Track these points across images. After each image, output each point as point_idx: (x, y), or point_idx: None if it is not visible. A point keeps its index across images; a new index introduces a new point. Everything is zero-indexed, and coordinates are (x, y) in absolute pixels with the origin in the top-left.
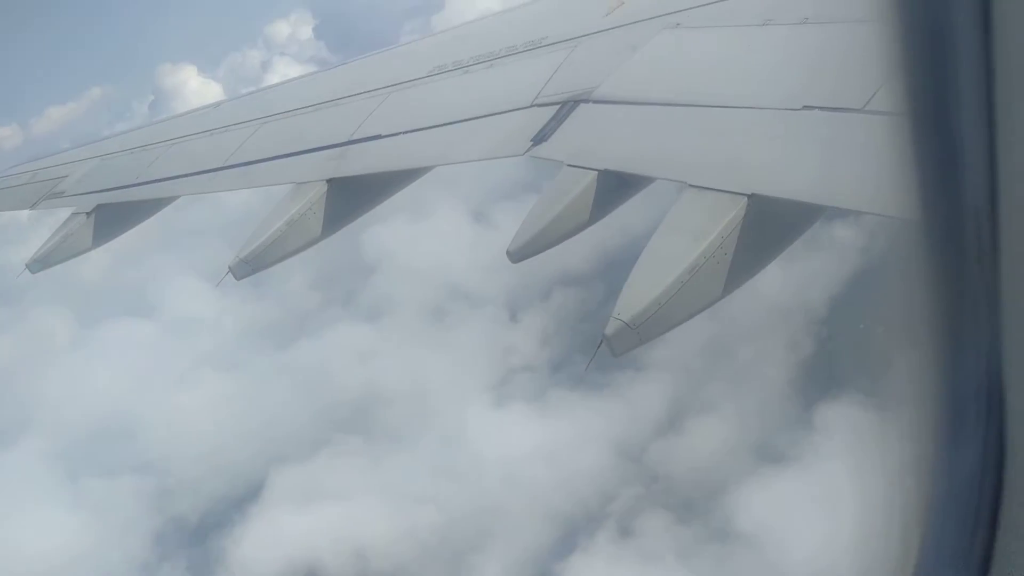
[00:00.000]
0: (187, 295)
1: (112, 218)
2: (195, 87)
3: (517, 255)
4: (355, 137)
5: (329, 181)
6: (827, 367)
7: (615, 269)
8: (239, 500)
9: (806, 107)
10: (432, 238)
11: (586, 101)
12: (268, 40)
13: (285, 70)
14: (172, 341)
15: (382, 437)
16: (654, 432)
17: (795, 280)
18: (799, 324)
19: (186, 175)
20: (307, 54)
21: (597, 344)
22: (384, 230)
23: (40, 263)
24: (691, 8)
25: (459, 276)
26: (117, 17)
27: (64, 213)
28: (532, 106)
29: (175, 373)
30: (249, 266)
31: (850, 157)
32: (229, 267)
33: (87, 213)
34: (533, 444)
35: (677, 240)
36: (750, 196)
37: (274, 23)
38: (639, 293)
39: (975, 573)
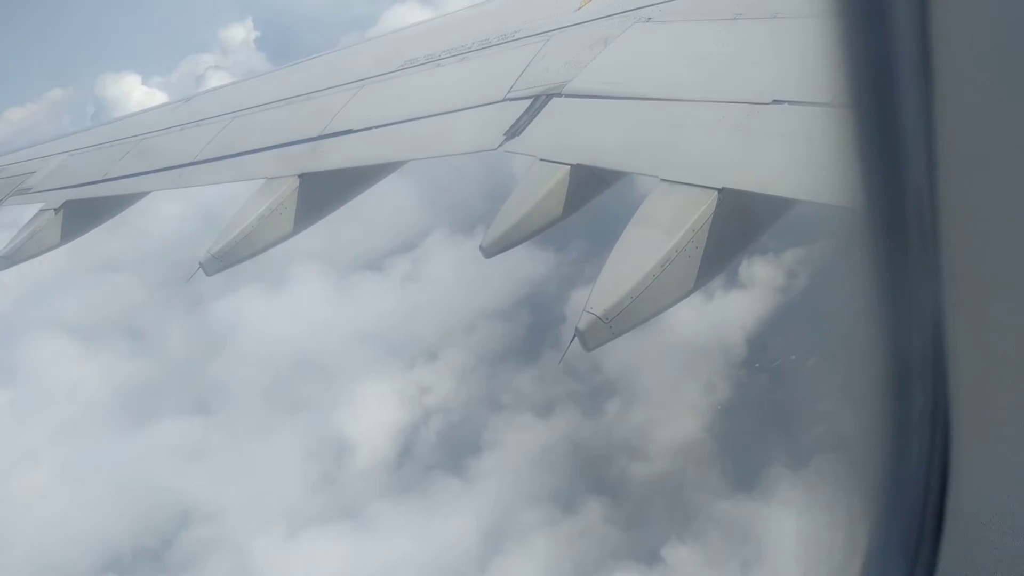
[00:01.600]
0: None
1: (81, 214)
2: (138, 97)
3: (490, 250)
4: (327, 132)
5: (301, 176)
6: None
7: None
8: None
9: (775, 101)
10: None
11: (559, 95)
12: (212, 48)
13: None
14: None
15: None
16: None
17: (711, 321)
18: (715, 369)
19: (156, 170)
20: (247, 66)
21: (570, 338)
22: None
23: (8, 260)
24: (662, 2)
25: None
26: (75, 19)
27: (31, 210)
28: (505, 100)
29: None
30: (220, 262)
31: (819, 151)
32: (200, 263)
33: (55, 209)
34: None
35: (649, 234)
36: (721, 190)
37: (217, 33)
38: (611, 287)
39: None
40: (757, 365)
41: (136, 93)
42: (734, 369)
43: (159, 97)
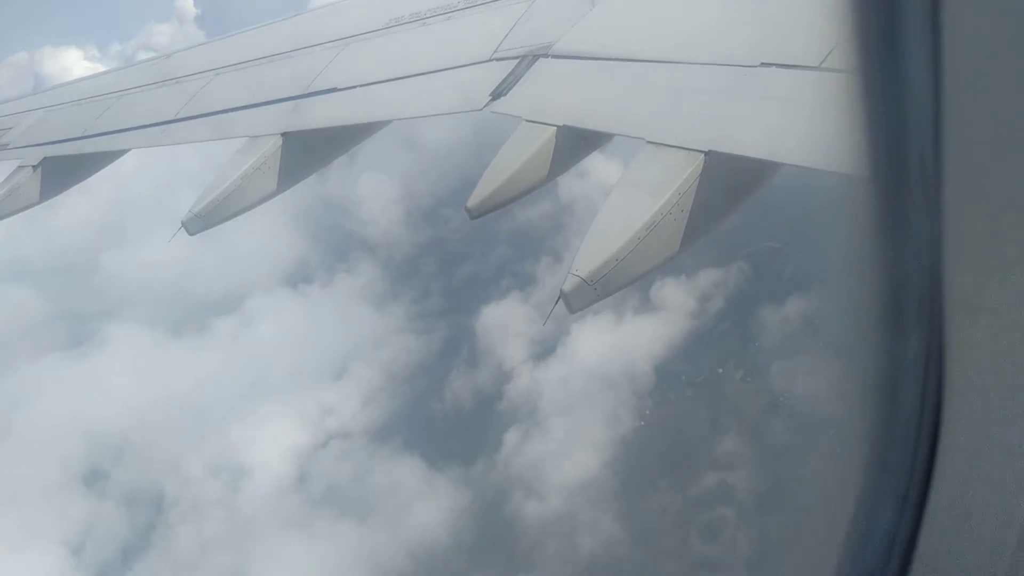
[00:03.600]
0: None
1: (60, 171)
2: (79, 72)
3: (476, 211)
4: (311, 90)
5: (284, 135)
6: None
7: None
8: None
9: (763, 64)
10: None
11: (546, 56)
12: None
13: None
14: None
15: None
16: None
17: (619, 347)
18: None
19: (136, 127)
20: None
21: (555, 300)
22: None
23: None
24: None
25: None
26: None
27: (8, 167)
28: (491, 60)
29: None
30: (202, 221)
31: (806, 114)
32: (182, 222)
33: (33, 166)
34: None
35: (635, 196)
36: (707, 153)
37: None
38: (597, 249)
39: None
40: (684, 378)
41: (77, 68)
42: (639, 399)
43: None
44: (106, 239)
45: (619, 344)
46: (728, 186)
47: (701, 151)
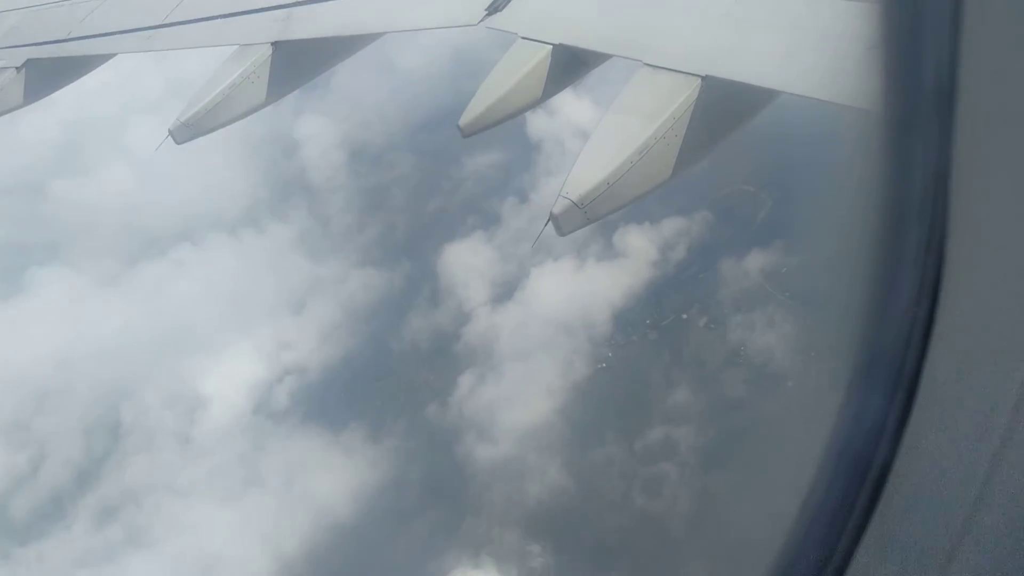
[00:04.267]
0: None
1: (44, 74)
2: None
3: (469, 129)
4: None
5: (274, 44)
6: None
7: None
8: None
9: None
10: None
11: None
12: None
13: None
14: None
15: None
16: None
17: (578, 294)
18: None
19: (124, 31)
20: None
21: (544, 222)
22: None
23: None
24: None
25: None
26: None
27: None
28: None
29: None
30: (190, 130)
31: (811, 42)
32: (169, 130)
33: (16, 68)
34: None
35: (629, 120)
36: (704, 77)
37: None
38: (588, 172)
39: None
40: (648, 321)
41: None
42: (595, 346)
43: None
44: (62, 164)
45: (579, 291)
46: (724, 113)
47: (698, 75)
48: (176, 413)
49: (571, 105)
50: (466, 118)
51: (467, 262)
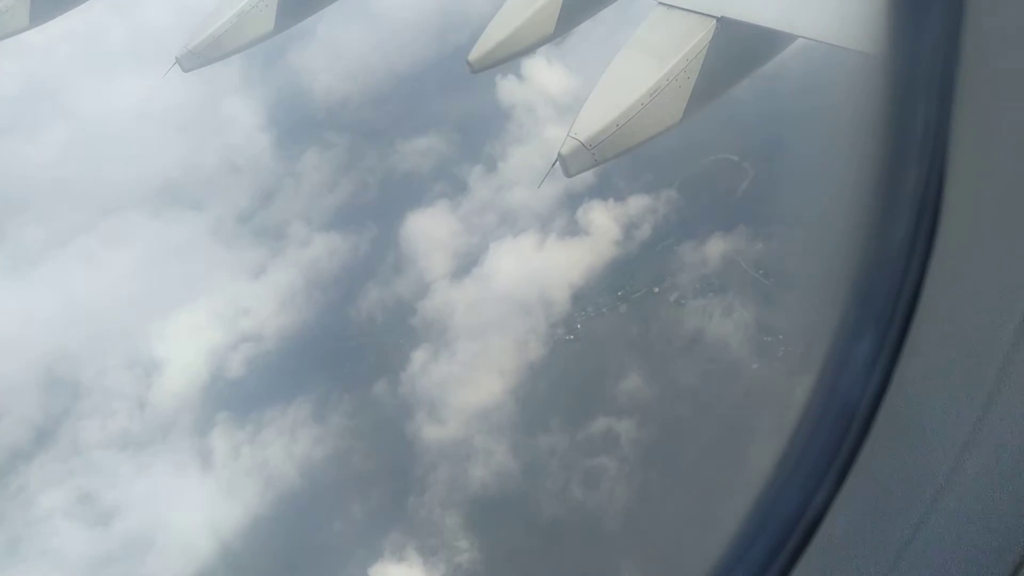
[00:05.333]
0: None
1: None
2: None
3: (477, 65)
4: None
5: None
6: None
7: None
8: None
9: None
10: None
11: None
12: None
13: None
14: None
15: None
16: None
17: (538, 272)
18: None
19: None
20: None
21: (552, 162)
22: None
23: None
24: None
25: None
26: None
27: None
28: None
29: None
30: (198, 58)
31: None
32: (176, 58)
33: None
34: None
35: (641, 60)
36: (719, 19)
37: None
38: (597, 113)
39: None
40: (620, 293)
41: None
42: (552, 327)
43: None
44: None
45: (541, 267)
46: (737, 55)
47: (713, 16)
48: (133, 377)
49: (543, 72)
50: (476, 53)
51: (430, 232)
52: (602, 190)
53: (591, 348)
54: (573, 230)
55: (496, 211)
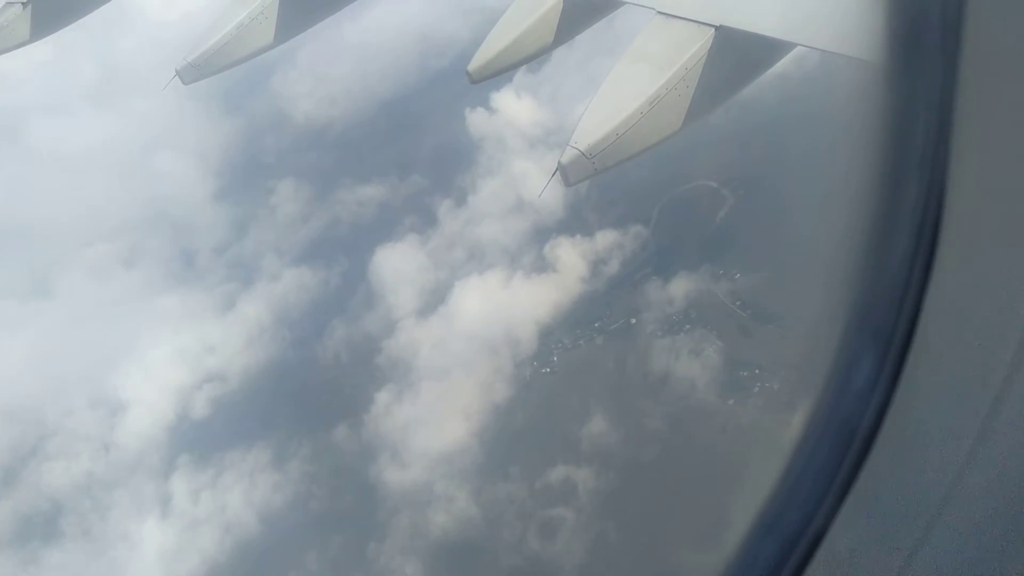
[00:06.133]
0: None
1: (52, 9)
2: None
3: (477, 75)
4: None
5: None
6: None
7: None
8: None
9: None
10: None
11: None
12: None
13: None
14: None
15: None
16: None
17: (504, 310)
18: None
19: None
20: None
21: (552, 172)
22: None
23: None
24: None
25: None
26: None
27: None
28: None
29: None
30: (197, 70)
31: None
32: (176, 71)
33: (23, 3)
34: None
35: (640, 69)
36: (718, 27)
37: None
38: (597, 122)
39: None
40: (596, 324)
41: None
42: (518, 367)
43: None
44: None
45: (508, 305)
46: (736, 65)
47: (712, 25)
48: (98, 417)
49: (512, 104)
50: (476, 63)
51: (398, 268)
52: (571, 225)
53: (566, 381)
54: (541, 266)
55: (464, 246)
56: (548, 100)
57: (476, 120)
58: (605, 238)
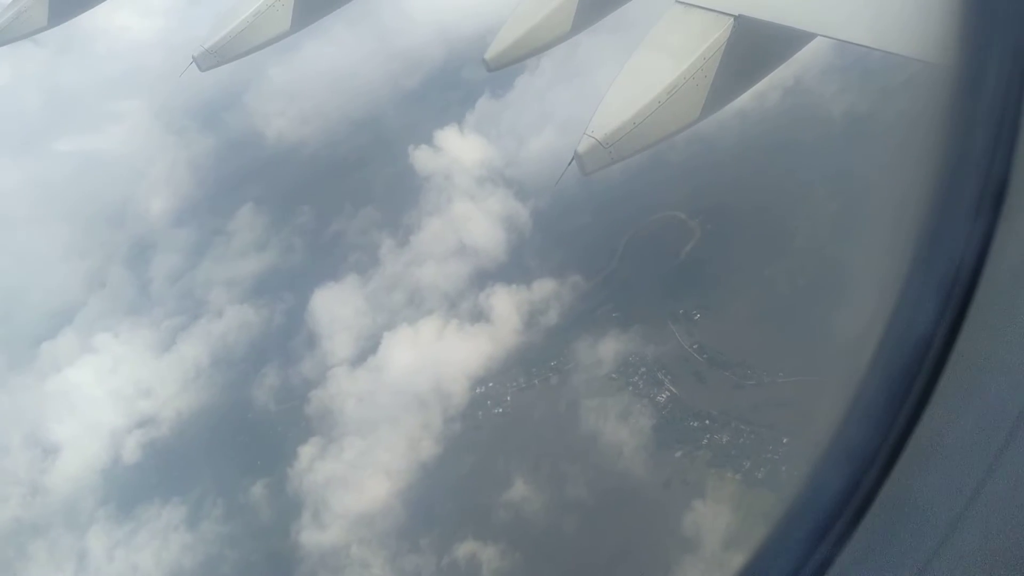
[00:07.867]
0: None
1: None
2: None
3: (493, 63)
4: None
5: None
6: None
7: None
8: None
9: None
10: None
11: None
12: None
13: None
14: None
15: None
16: None
17: (436, 362)
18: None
19: None
20: None
21: (568, 161)
22: None
23: None
24: None
25: None
26: None
27: None
28: None
29: None
30: (215, 57)
31: None
32: (193, 57)
33: None
34: None
35: (658, 58)
36: (737, 17)
37: None
38: (615, 111)
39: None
40: (553, 363)
41: None
42: (448, 423)
43: None
44: None
45: (440, 358)
46: (755, 54)
47: (731, 14)
48: (30, 459)
49: (457, 144)
50: (492, 52)
51: (335, 310)
52: (509, 274)
53: (498, 435)
54: (476, 315)
55: (404, 289)
56: (496, 138)
57: (421, 158)
58: (543, 287)
